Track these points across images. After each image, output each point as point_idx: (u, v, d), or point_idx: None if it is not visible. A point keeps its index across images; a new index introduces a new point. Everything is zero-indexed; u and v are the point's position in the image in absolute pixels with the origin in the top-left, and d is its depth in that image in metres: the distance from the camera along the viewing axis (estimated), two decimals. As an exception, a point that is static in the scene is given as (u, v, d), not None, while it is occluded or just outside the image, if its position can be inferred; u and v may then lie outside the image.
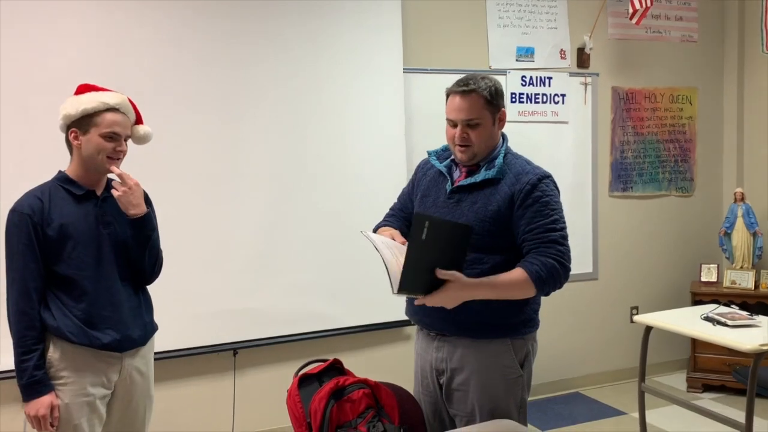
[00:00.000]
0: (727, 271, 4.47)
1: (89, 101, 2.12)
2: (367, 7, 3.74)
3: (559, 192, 2.10)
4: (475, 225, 1.98)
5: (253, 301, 3.50)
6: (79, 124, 2.12)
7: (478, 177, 2.07)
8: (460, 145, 2.09)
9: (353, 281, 3.65)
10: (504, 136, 2.18)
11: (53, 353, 2.10)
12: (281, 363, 3.62)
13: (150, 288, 2.37)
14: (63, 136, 2.19)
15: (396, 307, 3.80)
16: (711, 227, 4.81)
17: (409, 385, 2.33)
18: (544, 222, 1.99)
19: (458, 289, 1.91)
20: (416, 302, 1.95)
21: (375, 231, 2.33)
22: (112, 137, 2.13)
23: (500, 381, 2.08)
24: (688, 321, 3.24)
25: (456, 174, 2.17)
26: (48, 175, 2.21)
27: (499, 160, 2.08)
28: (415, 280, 1.87)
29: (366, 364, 3.28)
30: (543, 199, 2.02)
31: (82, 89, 2.18)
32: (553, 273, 1.96)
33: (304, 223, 3.60)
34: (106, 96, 2.15)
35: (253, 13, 3.48)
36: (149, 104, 3.16)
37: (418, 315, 2.19)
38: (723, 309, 3.33)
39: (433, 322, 2.13)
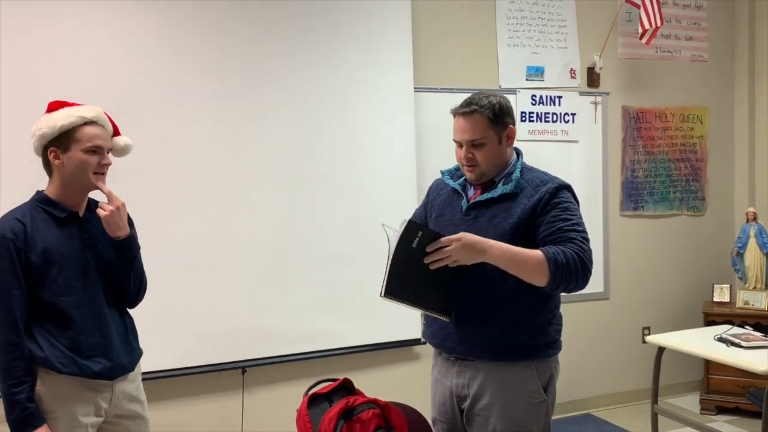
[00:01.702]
0: (740, 291, 4.43)
1: (65, 117, 2.01)
2: (378, 26, 3.77)
3: (578, 202, 2.07)
4: (494, 239, 1.95)
5: (262, 318, 3.49)
6: (57, 143, 2.01)
7: (496, 192, 2.05)
8: (468, 165, 2.09)
9: (363, 299, 3.64)
10: (518, 151, 2.16)
11: (40, 387, 1.96)
12: (290, 381, 3.60)
13: (158, 305, 2.33)
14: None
15: (406, 326, 3.81)
16: (723, 247, 4.78)
17: (418, 404, 2.31)
18: (564, 224, 1.96)
19: (469, 239, 1.89)
20: (432, 264, 1.91)
21: None
22: (96, 151, 2.04)
23: (524, 406, 2.02)
24: (701, 342, 3.21)
25: (471, 191, 2.15)
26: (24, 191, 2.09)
27: (516, 174, 2.06)
28: (403, 287, 1.90)
29: (376, 383, 3.25)
30: (562, 205, 1.99)
31: (54, 106, 2.07)
32: (572, 264, 1.89)
33: (314, 240, 3.60)
34: (82, 110, 2.05)
35: (264, 33, 3.51)
36: (165, 122, 3.25)
37: (437, 338, 2.13)
38: (737, 330, 3.30)
39: (455, 346, 2.07)
